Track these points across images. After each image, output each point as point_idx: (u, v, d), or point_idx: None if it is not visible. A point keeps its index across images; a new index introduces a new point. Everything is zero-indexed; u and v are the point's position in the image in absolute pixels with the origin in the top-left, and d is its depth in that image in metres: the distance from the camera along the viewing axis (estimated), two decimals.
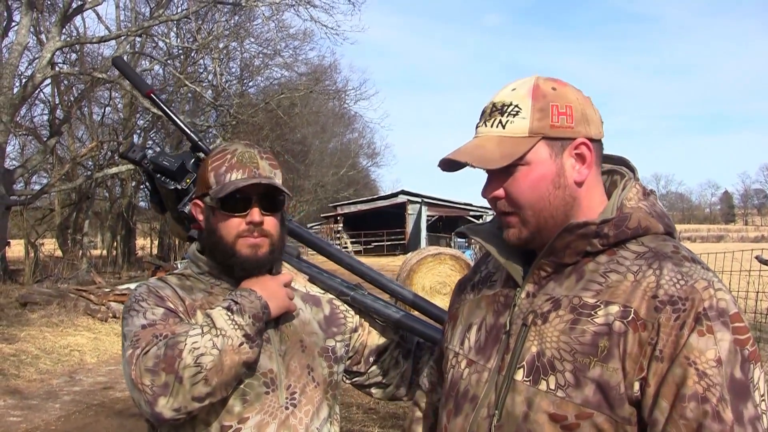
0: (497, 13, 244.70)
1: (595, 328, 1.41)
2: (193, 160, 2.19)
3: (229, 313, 1.74)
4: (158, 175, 2.17)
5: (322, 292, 2.14)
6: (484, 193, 1.56)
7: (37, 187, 22.45)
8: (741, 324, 1.38)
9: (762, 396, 1.35)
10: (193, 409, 1.69)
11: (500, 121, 1.50)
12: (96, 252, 25.64)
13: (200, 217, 1.95)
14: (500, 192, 1.52)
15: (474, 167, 1.48)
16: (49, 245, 23.80)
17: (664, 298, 1.38)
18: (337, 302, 2.14)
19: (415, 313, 2.24)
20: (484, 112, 1.55)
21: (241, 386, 1.83)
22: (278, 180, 1.93)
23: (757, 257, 7.09)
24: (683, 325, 1.36)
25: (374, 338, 2.16)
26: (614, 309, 1.41)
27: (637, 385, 1.37)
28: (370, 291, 2.19)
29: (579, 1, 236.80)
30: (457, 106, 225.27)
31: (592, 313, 1.43)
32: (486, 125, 1.53)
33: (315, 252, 2.38)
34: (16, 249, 23.38)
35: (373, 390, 2.20)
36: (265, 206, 1.89)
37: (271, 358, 1.89)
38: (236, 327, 1.72)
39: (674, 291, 1.39)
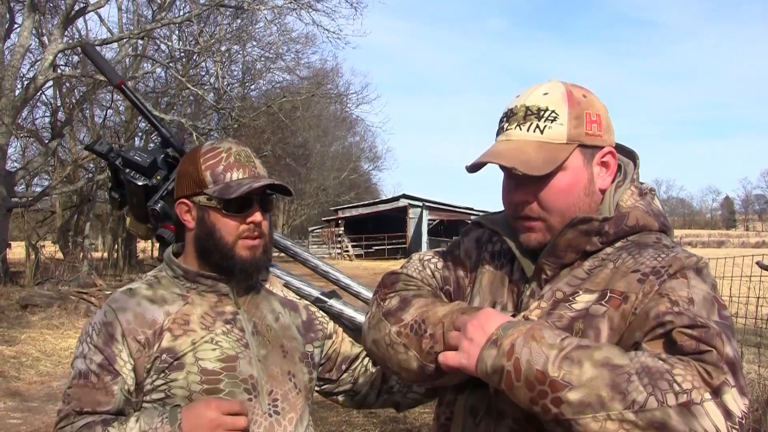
0: (500, 17, 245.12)
1: (572, 313, 1.45)
2: (162, 156, 2.12)
3: None
4: (127, 170, 2.09)
5: (298, 297, 2.10)
6: (513, 197, 1.53)
7: (39, 189, 22.47)
8: (718, 295, 1.40)
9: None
10: None
11: (537, 126, 1.49)
12: (97, 254, 25.69)
13: (188, 217, 1.89)
14: (531, 197, 1.51)
15: (520, 173, 1.46)
16: (50, 247, 23.79)
17: (646, 270, 1.42)
18: (313, 308, 2.10)
19: None
20: (514, 114, 1.53)
21: (222, 395, 1.80)
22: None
23: (758, 263, 7.09)
24: (663, 281, 1.39)
25: (347, 346, 2.13)
26: (593, 296, 1.44)
27: None
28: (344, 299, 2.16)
29: (582, 5, 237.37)
30: (460, 110, 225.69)
31: (570, 299, 1.46)
32: (521, 129, 1.51)
33: (289, 257, 2.32)
34: (17, 251, 23.38)
35: (341, 398, 2.16)
36: (262, 206, 1.88)
37: (250, 364, 1.86)
38: None
39: (656, 263, 1.42)
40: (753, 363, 6.55)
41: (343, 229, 51.67)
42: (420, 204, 49.24)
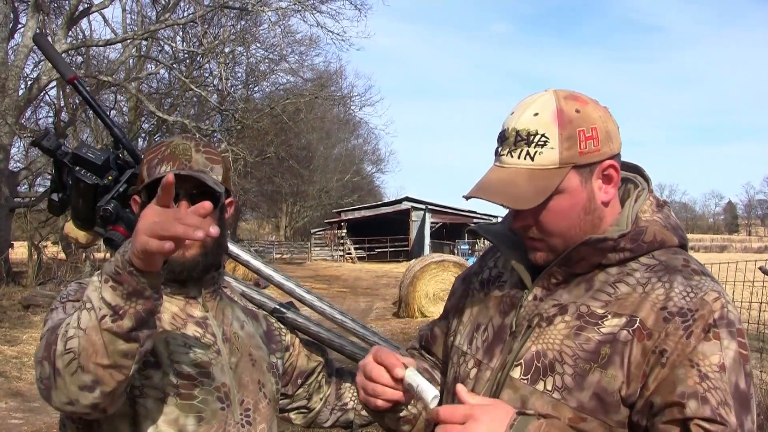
0: (505, 21, 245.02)
1: (600, 337, 1.43)
2: (114, 157, 2.03)
3: (98, 278, 1.45)
4: (77, 168, 1.97)
5: (256, 307, 2.04)
6: (514, 224, 1.53)
7: (41, 190, 22.47)
8: (744, 340, 1.41)
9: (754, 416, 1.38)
10: (91, 401, 1.47)
11: (528, 153, 1.45)
12: (99, 255, 25.63)
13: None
14: (531, 221, 1.49)
15: (508, 208, 1.46)
16: (52, 248, 23.80)
17: (673, 309, 1.40)
18: (272, 319, 2.05)
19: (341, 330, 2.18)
20: (506, 138, 1.49)
21: (196, 402, 1.71)
22: (215, 175, 1.77)
23: (760, 268, 7.06)
24: (690, 334, 1.37)
25: (303, 360, 2.07)
26: (622, 321, 1.42)
27: (638, 392, 1.39)
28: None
29: (586, 10, 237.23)
30: (463, 114, 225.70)
31: (599, 322, 1.44)
32: (512, 156, 1.47)
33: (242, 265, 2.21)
34: (19, 251, 23.40)
35: (293, 415, 2.10)
36: (196, 202, 1.65)
37: (223, 371, 1.78)
38: (100, 296, 1.42)
39: (684, 303, 1.40)
40: (755, 368, 6.54)
41: (345, 231, 51.66)
42: (423, 207, 49.26)
